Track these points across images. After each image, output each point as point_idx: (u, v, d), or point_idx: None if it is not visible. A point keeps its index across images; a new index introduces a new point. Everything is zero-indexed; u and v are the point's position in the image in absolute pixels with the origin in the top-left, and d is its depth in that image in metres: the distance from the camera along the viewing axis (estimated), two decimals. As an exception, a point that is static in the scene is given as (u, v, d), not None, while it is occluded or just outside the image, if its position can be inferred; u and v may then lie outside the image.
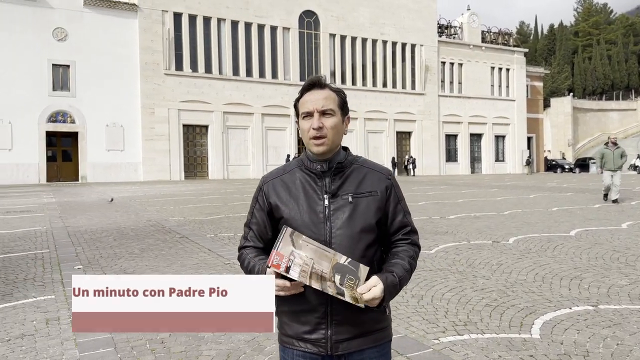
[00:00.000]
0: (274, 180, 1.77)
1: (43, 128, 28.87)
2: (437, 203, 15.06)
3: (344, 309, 1.61)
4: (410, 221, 1.79)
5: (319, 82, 1.71)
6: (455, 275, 5.90)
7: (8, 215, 12.33)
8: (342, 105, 1.73)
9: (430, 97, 41.08)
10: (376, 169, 1.78)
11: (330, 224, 1.64)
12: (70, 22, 29.19)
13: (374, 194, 1.70)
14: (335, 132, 1.68)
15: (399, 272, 1.66)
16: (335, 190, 1.68)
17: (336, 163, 1.70)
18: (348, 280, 1.53)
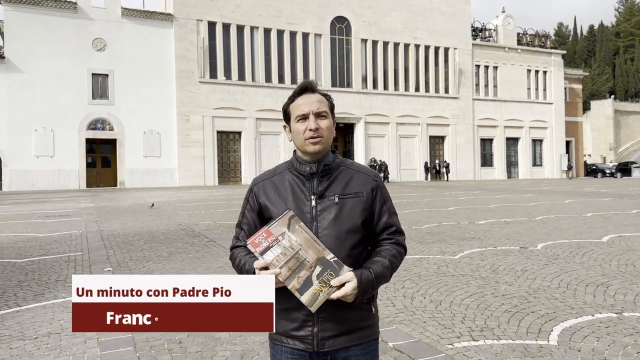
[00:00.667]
0: (264, 181, 1.83)
1: (83, 135, 29.88)
2: (468, 208, 14.85)
3: (329, 306, 1.64)
4: (395, 222, 1.83)
5: (311, 87, 1.78)
6: (478, 281, 5.84)
7: (47, 220, 12.83)
8: (331, 109, 1.80)
9: (464, 101, 40.53)
10: (362, 171, 1.82)
11: (317, 224, 1.70)
12: (109, 33, 30.18)
13: (360, 195, 1.75)
14: (329, 133, 1.77)
15: (377, 268, 1.69)
16: (323, 192, 1.73)
17: (324, 165, 1.75)
18: (327, 274, 1.58)
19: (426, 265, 6.72)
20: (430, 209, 14.84)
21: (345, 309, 1.68)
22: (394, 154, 37.57)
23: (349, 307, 1.68)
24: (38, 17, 28.54)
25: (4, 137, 27.95)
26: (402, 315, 4.63)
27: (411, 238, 9.09)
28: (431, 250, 7.89)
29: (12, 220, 12.85)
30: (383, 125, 37.41)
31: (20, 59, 28.08)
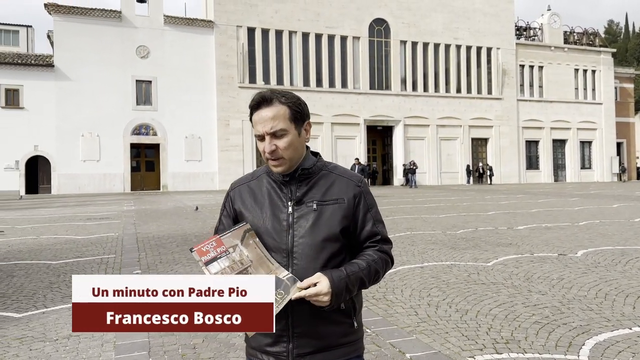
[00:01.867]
0: (241, 186, 1.75)
1: (128, 140, 30.78)
2: (508, 213, 14.37)
3: (306, 320, 1.55)
4: (381, 230, 1.70)
5: (265, 99, 1.61)
6: (509, 290, 5.58)
7: (88, 222, 13.22)
8: (295, 117, 1.62)
9: (508, 102, 39.45)
10: (346, 175, 1.70)
11: (293, 232, 1.60)
12: (152, 40, 31.01)
13: (341, 202, 1.63)
14: (292, 149, 1.62)
15: (350, 268, 1.58)
16: (301, 197, 1.63)
17: (300, 169, 1.64)
18: (277, 294, 1.46)
19: (456, 273, 6.49)
20: (467, 213, 14.45)
21: (323, 323, 1.57)
22: (434, 156, 36.94)
23: (327, 321, 1.58)
24: (85, 26, 29.64)
25: (53, 143, 29.13)
26: (424, 324, 4.45)
27: (443, 244, 8.85)
28: (463, 256, 7.63)
29: (55, 222, 13.30)
30: (423, 128, 36.85)
31: (68, 68, 29.23)
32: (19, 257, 8.08)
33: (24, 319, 4.80)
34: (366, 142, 35.68)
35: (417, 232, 10.44)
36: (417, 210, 15.63)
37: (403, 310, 4.89)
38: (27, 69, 28.84)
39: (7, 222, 13.46)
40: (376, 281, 1.67)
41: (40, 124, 28.85)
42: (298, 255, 1.58)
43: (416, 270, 6.70)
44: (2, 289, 5.99)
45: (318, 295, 1.48)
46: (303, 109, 1.66)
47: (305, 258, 1.58)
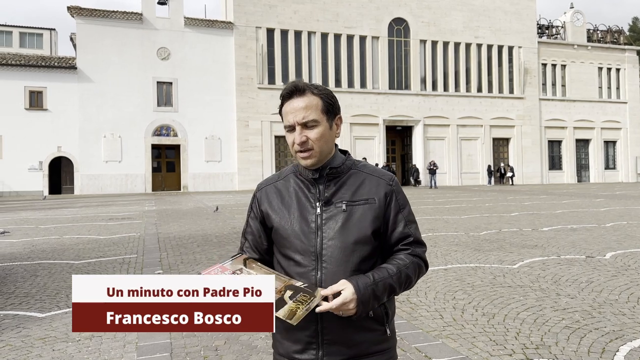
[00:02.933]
0: (268, 187, 1.68)
1: (149, 141, 31.08)
2: (532, 214, 14.10)
3: (336, 327, 1.49)
4: (413, 232, 1.62)
5: (298, 88, 1.56)
6: (537, 293, 5.43)
7: (110, 222, 13.34)
8: (327, 109, 1.57)
9: (530, 101, 38.85)
10: (376, 174, 1.63)
11: (322, 234, 1.53)
12: (172, 42, 31.27)
13: (371, 202, 1.56)
14: (323, 142, 1.56)
15: (379, 274, 1.49)
16: (329, 198, 1.56)
17: (329, 168, 1.58)
18: (301, 295, 1.41)
19: (481, 275, 6.35)
20: (490, 214, 14.22)
21: (354, 330, 1.50)
22: (454, 156, 36.55)
23: (359, 328, 1.51)
24: (107, 28, 30.02)
25: (75, 144, 29.56)
26: (449, 329, 4.34)
27: (467, 245, 8.69)
28: (488, 258, 7.48)
29: (78, 222, 13.45)
30: (443, 128, 36.49)
31: (91, 70, 29.64)
32: (42, 257, 8.16)
33: (46, 319, 4.82)
34: (385, 143, 35.46)
35: (439, 233, 10.29)
36: (438, 211, 15.44)
37: (428, 313, 4.79)
38: (50, 71, 29.33)
39: (31, 222, 13.66)
40: (408, 287, 1.58)
41: (63, 125, 29.31)
42: (327, 259, 1.52)
43: (440, 272, 6.57)
44: (26, 289, 6.03)
45: (344, 304, 1.40)
46: (335, 102, 1.61)
47: (335, 261, 1.51)
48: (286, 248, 1.57)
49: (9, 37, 43.57)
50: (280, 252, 1.61)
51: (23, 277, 6.71)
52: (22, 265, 7.51)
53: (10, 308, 5.22)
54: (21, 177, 28.76)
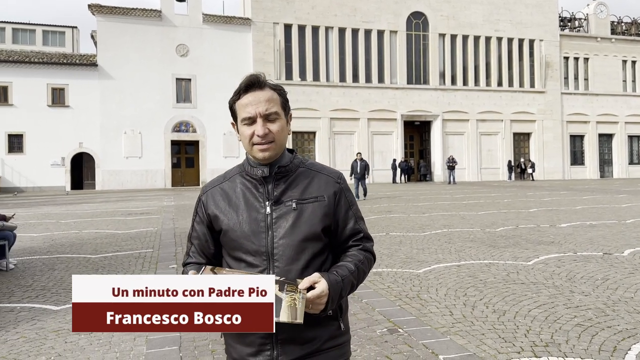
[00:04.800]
0: (213, 189, 1.65)
1: (168, 137, 31.40)
2: (551, 210, 13.90)
3: (289, 325, 1.41)
4: (362, 227, 1.65)
5: (259, 82, 1.54)
6: (550, 290, 5.35)
7: (129, 217, 13.53)
8: (284, 105, 1.58)
9: (551, 95, 38.19)
10: (324, 172, 1.63)
11: (272, 233, 1.52)
12: (191, 39, 31.50)
13: (321, 199, 1.56)
14: (282, 136, 1.56)
15: (342, 272, 1.51)
16: (279, 197, 1.55)
17: (277, 167, 1.57)
18: (288, 285, 1.39)
19: (494, 272, 6.29)
20: (508, 210, 14.05)
21: (309, 327, 1.46)
22: (474, 152, 36.16)
23: (313, 325, 1.48)
24: (127, 26, 30.36)
25: (97, 140, 30.02)
26: (458, 325, 4.31)
27: (482, 241, 8.61)
28: (503, 255, 7.40)
29: (98, 217, 13.68)
30: (462, 123, 36.11)
31: (111, 66, 30.03)
32: (61, 251, 8.32)
33: (61, 311, 4.92)
34: (403, 138, 35.23)
35: (454, 229, 10.21)
36: (455, 207, 15.31)
37: (437, 310, 4.76)
38: (72, 68, 29.80)
39: (52, 217, 13.94)
40: (362, 280, 1.61)
41: (84, 121, 29.78)
42: (279, 257, 1.51)
43: (452, 268, 6.53)
44: (43, 282, 6.17)
45: (319, 297, 1.40)
46: (288, 100, 1.63)
47: (286, 260, 1.50)
48: (236, 250, 1.56)
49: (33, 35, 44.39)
50: (230, 255, 1.59)
51: (41, 270, 6.86)
52: (41, 259, 7.67)
53: (27, 301, 5.35)
54: (44, 172, 29.33)
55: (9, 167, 29.12)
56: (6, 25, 43.68)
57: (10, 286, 6.01)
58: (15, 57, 29.48)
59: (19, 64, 29.16)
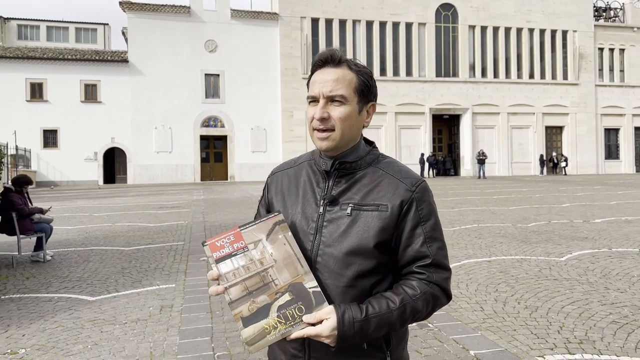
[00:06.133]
0: (280, 173, 1.48)
1: (197, 132, 31.80)
2: (584, 205, 13.57)
3: (325, 345, 1.23)
4: (433, 252, 1.31)
5: (333, 58, 1.33)
6: (584, 287, 5.24)
7: (160, 211, 13.78)
8: (361, 90, 1.34)
9: (585, 87, 37.20)
10: (398, 175, 1.34)
11: (320, 238, 1.30)
12: (219, 34, 31.77)
13: (382, 209, 1.29)
14: (347, 125, 1.31)
15: (375, 307, 1.23)
16: (336, 197, 1.33)
17: (338, 163, 1.34)
18: (296, 309, 1.20)
19: (526, 267, 6.19)
20: (540, 205, 13.78)
21: (344, 354, 1.26)
22: (504, 146, 35.52)
23: (351, 352, 1.26)
24: (156, 22, 30.81)
25: (128, 135, 30.62)
26: (490, 321, 4.26)
27: (513, 237, 8.47)
28: (535, 250, 7.27)
29: (130, 210, 13.97)
30: (492, 116, 35.50)
31: (141, 63, 30.54)
32: (95, 244, 8.54)
33: (96, 302, 5.06)
34: (431, 132, 34.86)
35: (484, 224, 10.07)
36: (485, 201, 15.10)
37: (468, 305, 4.71)
38: (104, 64, 30.42)
39: (86, 210, 14.29)
40: (417, 321, 1.31)
41: (116, 117, 30.39)
42: (320, 267, 1.29)
43: (483, 264, 6.45)
44: (79, 273, 6.34)
45: (317, 337, 1.19)
46: (372, 85, 1.39)
47: (327, 272, 1.28)
48: None
49: (66, 32, 45.44)
50: None
51: (76, 262, 7.05)
52: (76, 251, 7.89)
53: (64, 291, 5.51)
54: (77, 167, 30.09)
55: (44, 161, 29.96)
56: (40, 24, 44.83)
57: (47, 277, 6.21)
58: (49, 54, 30.26)
59: (53, 61, 29.93)
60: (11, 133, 27.47)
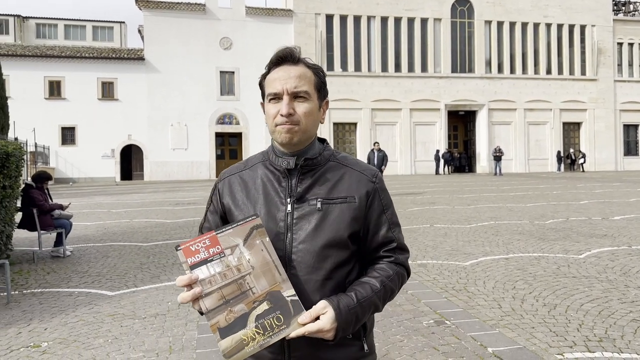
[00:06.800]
0: (231, 177, 1.45)
1: (213, 129, 31.99)
2: (603, 202, 13.39)
3: (305, 342, 1.26)
4: (397, 236, 1.41)
5: (292, 56, 1.35)
6: (603, 284, 5.18)
7: (176, 207, 13.90)
8: (319, 87, 1.38)
9: (604, 83, 36.65)
10: (357, 168, 1.41)
11: (292, 236, 1.31)
12: (234, 32, 31.88)
13: (350, 200, 1.34)
14: (311, 120, 1.35)
15: (363, 292, 1.29)
16: (302, 194, 1.34)
17: (303, 159, 1.36)
18: (274, 319, 1.18)
19: (544, 265, 6.13)
20: (558, 202, 13.63)
21: (326, 347, 1.29)
22: (521, 142, 35.16)
23: (331, 345, 1.29)
24: (172, 20, 31.02)
25: (145, 132, 30.91)
26: (507, 318, 4.24)
27: (531, 234, 8.40)
28: (553, 248, 7.20)
29: (147, 207, 14.12)
30: (509, 112, 35.14)
31: (157, 60, 30.79)
32: (114, 239, 8.65)
33: (116, 297, 5.13)
34: (447, 128, 34.63)
35: (501, 221, 9.99)
36: (502, 198, 14.97)
37: (485, 302, 4.69)
38: (120, 62, 30.72)
39: (104, 207, 14.47)
40: (391, 299, 1.39)
41: (132, 114, 30.70)
42: (297, 264, 1.30)
43: (500, 261, 6.41)
44: (98, 269, 6.43)
45: (319, 332, 1.20)
46: (325, 83, 1.43)
47: (305, 268, 1.30)
48: None
49: (83, 31, 45.95)
50: None
51: (96, 257, 7.15)
52: (95, 247, 8.00)
53: (84, 286, 5.60)
54: (95, 163, 30.46)
55: (62, 158, 30.38)
56: (58, 22, 45.39)
57: (67, 272, 6.31)
58: (67, 52, 30.65)
59: (71, 59, 30.31)
60: (30, 130, 27.88)
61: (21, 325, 4.31)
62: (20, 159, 6.68)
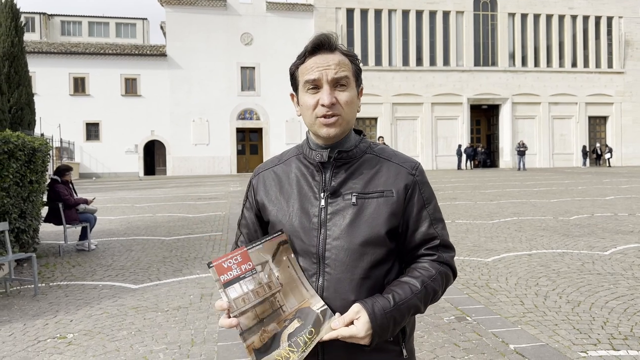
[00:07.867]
0: (265, 172, 1.41)
1: (234, 125, 32.18)
2: (629, 198, 13.11)
3: (339, 346, 1.20)
4: (440, 232, 1.32)
5: (329, 43, 1.28)
6: (629, 282, 5.08)
7: (198, 202, 14.04)
8: (357, 75, 1.31)
9: (631, 76, 35.77)
10: (396, 160, 1.33)
11: (326, 232, 1.25)
12: (255, 27, 31.97)
13: (388, 195, 1.27)
14: (351, 109, 1.28)
15: (401, 294, 1.21)
16: (337, 188, 1.28)
17: (337, 152, 1.29)
18: (306, 334, 1.15)
19: (568, 261, 6.04)
20: (583, 197, 13.38)
21: (362, 352, 1.22)
22: (545, 136, 34.58)
23: (368, 349, 1.22)
24: (194, 16, 31.25)
25: (167, 128, 31.27)
26: (530, 315, 4.19)
27: (555, 230, 8.27)
28: (577, 244, 7.08)
29: (170, 202, 14.29)
30: (533, 106, 34.57)
31: (179, 56, 31.07)
32: (137, 233, 8.79)
33: (139, 290, 5.21)
34: (469, 123, 34.23)
35: (524, 217, 9.86)
36: (525, 194, 14.76)
37: (507, 299, 4.64)
38: (143, 59, 31.09)
39: (128, 201, 14.70)
40: (435, 301, 1.30)
41: (155, 110, 31.07)
42: (331, 262, 1.24)
43: (523, 257, 6.32)
44: (122, 262, 6.54)
45: (353, 338, 1.15)
46: (360, 70, 1.36)
47: (339, 266, 1.23)
48: None
49: (106, 28, 46.62)
50: None
51: (119, 251, 7.28)
52: (119, 241, 8.14)
53: (108, 279, 5.70)
54: (119, 159, 30.95)
55: (87, 154, 30.93)
56: (82, 19, 46.12)
57: (92, 265, 6.43)
58: (91, 49, 31.12)
59: (95, 56, 30.77)
60: (56, 126, 28.44)
61: (48, 316, 4.41)
62: (46, 155, 6.82)
